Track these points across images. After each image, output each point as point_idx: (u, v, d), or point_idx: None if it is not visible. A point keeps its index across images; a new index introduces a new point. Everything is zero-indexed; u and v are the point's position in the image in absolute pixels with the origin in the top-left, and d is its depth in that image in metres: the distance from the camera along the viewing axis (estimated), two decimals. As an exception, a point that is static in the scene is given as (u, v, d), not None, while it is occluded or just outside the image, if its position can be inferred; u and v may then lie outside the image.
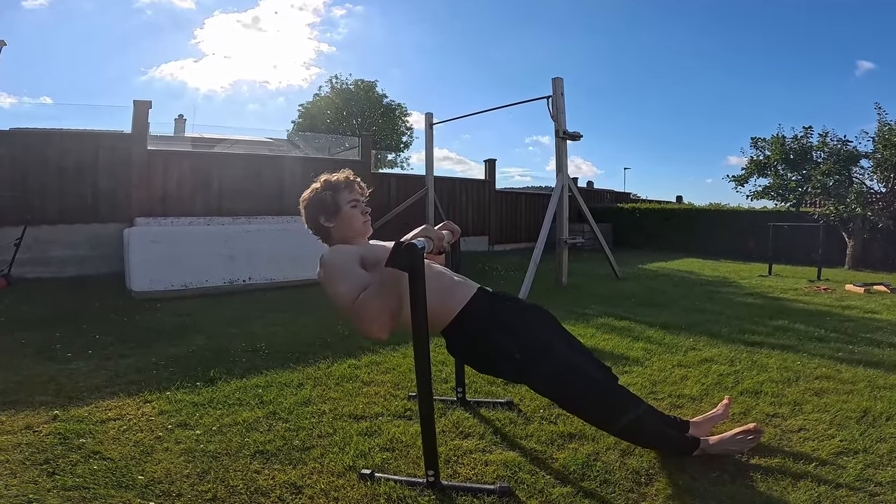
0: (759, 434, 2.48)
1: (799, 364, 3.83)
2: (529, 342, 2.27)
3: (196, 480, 2.24)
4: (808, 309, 6.16)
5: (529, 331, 2.33)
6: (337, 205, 2.40)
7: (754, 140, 13.10)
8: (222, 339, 4.63)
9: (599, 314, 5.67)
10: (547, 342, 2.30)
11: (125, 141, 9.17)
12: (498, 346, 2.27)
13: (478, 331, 2.30)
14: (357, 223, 2.43)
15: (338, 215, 2.40)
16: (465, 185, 14.66)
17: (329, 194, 2.41)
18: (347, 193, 2.43)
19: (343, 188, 2.43)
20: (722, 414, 2.71)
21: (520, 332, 2.30)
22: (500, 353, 2.27)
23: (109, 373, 3.65)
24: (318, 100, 34.10)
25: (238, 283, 7.29)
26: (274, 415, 2.95)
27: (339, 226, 2.41)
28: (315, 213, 2.43)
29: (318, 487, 2.19)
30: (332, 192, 2.41)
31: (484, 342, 2.30)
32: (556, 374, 2.26)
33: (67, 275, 8.17)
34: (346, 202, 2.42)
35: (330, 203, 2.40)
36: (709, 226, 14.36)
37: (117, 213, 8.79)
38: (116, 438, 2.63)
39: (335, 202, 2.40)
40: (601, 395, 2.30)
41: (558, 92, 7.93)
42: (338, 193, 2.41)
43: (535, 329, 2.37)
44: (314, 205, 2.43)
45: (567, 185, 8.08)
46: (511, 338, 2.27)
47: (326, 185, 2.43)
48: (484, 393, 3.26)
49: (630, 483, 2.20)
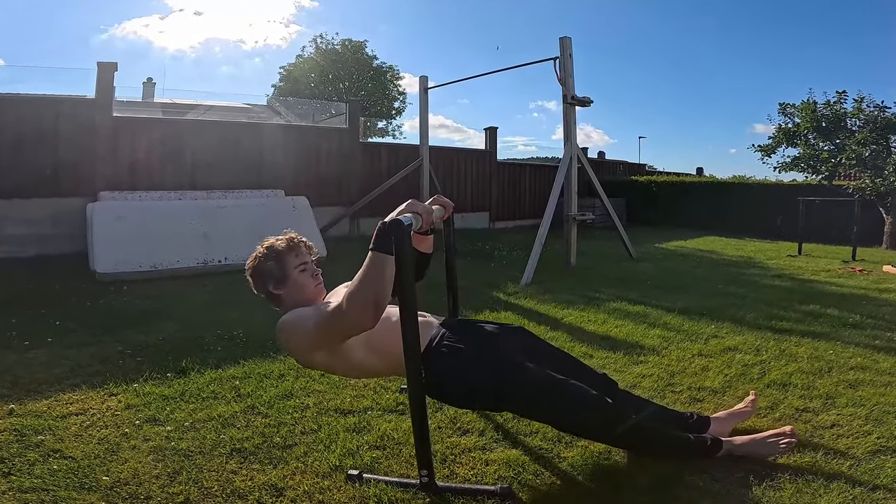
0: (794, 438, 2.45)
1: (832, 353, 3.82)
2: (500, 371, 2.28)
3: (166, 482, 2.23)
4: (841, 292, 6.17)
5: (498, 358, 2.33)
6: (284, 272, 2.41)
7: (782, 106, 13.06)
8: (195, 325, 4.61)
9: (611, 298, 5.67)
10: (518, 365, 2.30)
11: (88, 107, 9.05)
12: (466, 383, 2.27)
13: (442, 373, 2.29)
14: (308, 288, 2.44)
15: (286, 282, 2.41)
16: (463, 155, 14.60)
17: (272, 264, 2.42)
18: (293, 258, 2.44)
19: (287, 253, 2.44)
20: (748, 411, 2.69)
21: (488, 364, 2.30)
22: (469, 390, 2.28)
23: (71, 363, 3.63)
24: (302, 61, 33.86)
25: (213, 263, 7.26)
26: (252, 409, 2.94)
27: (290, 292, 2.42)
28: (262, 282, 2.45)
29: (301, 489, 2.18)
30: (275, 261, 2.42)
31: (452, 384, 2.31)
32: (534, 398, 2.25)
33: (27, 255, 8.10)
34: (293, 267, 2.43)
35: (276, 271, 2.41)
36: (732, 201, 14.36)
37: (80, 187, 8.69)
38: (78, 435, 2.62)
39: (281, 269, 2.41)
40: (587, 407, 2.25)
41: (566, 52, 7.83)
42: (282, 260, 2.42)
43: (505, 355, 2.36)
44: (260, 276, 2.45)
45: (576, 155, 8.03)
46: (479, 372, 2.28)
47: (269, 253, 2.44)
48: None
49: (644, 484, 2.19)
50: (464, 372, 2.29)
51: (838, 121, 12.07)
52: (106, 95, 9.07)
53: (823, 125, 12.19)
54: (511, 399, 2.27)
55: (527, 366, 2.30)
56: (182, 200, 8.32)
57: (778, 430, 2.49)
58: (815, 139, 12.44)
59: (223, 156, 10.11)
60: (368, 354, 2.31)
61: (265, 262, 2.42)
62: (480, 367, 2.29)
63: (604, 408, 2.27)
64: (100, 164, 8.91)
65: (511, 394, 2.24)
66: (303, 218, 8.45)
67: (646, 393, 3.14)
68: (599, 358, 3.79)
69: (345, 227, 11.38)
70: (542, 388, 2.25)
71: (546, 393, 2.24)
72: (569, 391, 2.25)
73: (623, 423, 2.26)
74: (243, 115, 14.15)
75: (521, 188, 16.01)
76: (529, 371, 2.28)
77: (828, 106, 12.26)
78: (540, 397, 2.24)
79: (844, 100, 12.10)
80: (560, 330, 4.50)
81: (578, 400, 2.25)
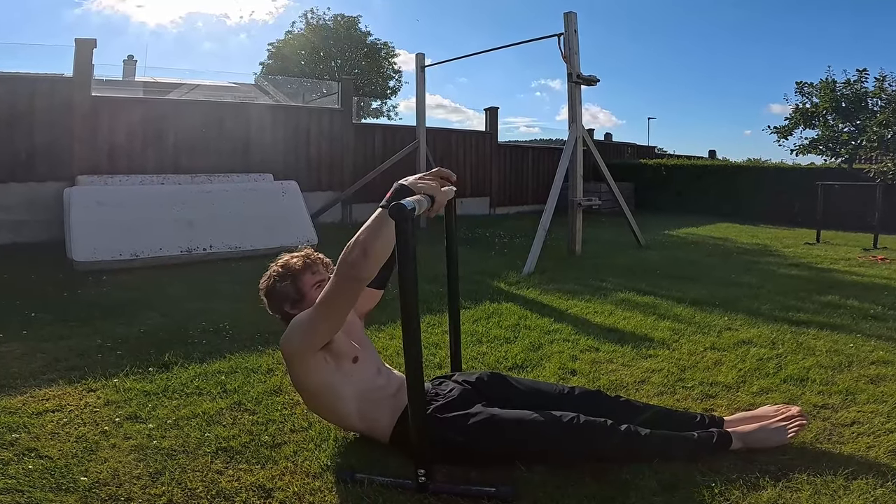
0: (804, 421, 2.46)
1: (852, 347, 3.82)
2: (474, 427, 2.32)
3: (148, 482, 2.22)
4: (862, 282, 6.17)
5: (469, 418, 2.36)
6: (300, 292, 2.49)
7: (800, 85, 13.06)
8: (179, 317, 4.61)
9: (619, 288, 5.66)
10: (489, 416, 2.34)
11: (66, 86, 8.99)
12: (440, 445, 2.27)
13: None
14: None
15: (303, 302, 2.46)
16: (462, 137, 14.56)
17: (288, 284, 2.49)
18: (309, 276, 2.51)
19: (304, 272, 2.50)
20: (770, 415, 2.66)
21: (452, 421, 2.35)
22: (445, 449, 2.30)
23: (47, 356, 3.62)
24: (291, 38, 33.69)
25: (197, 252, 7.24)
26: (239, 405, 2.93)
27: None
28: (278, 303, 2.54)
29: (291, 490, 2.17)
30: (291, 281, 2.49)
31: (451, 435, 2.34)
32: (512, 441, 2.31)
33: (0, 242, 8.09)
34: (309, 286, 2.49)
35: (292, 292, 2.49)
36: (747, 185, 14.32)
37: (56, 171, 8.66)
38: (55, 433, 2.61)
39: (297, 290, 2.49)
40: (560, 430, 2.29)
41: (571, 28, 7.78)
42: (298, 279, 2.50)
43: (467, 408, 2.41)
44: (275, 297, 2.53)
45: (581, 137, 8.00)
46: (450, 430, 2.32)
47: (284, 272, 2.50)
48: (485, 380, 3.23)
49: (654, 485, 2.18)
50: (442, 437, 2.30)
51: (859, 100, 12.05)
52: (84, 74, 9.02)
53: (843, 105, 12.17)
54: (485, 446, 2.31)
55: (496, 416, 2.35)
56: (165, 185, 8.28)
57: (784, 411, 2.51)
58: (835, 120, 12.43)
59: (208, 138, 10.08)
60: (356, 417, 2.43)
61: (280, 283, 2.49)
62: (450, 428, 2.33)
63: (581, 429, 2.29)
64: (78, 147, 8.88)
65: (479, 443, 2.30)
66: (292, 203, 8.39)
67: (655, 389, 3.14)
68: (606, 351, 3.79)
69: (337, 213, 11.37)
70: (514, 428, 2.31)
71: (521, 431, 2.31)
72: (544, 421, 2.31)
73: (613, 437, 2.30)
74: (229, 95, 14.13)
75: (524, 172, 15.96)
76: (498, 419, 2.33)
77: (848, 85, 12.24)
78: (519, 439, 2.31)
79: (865, 78, 12.09)
80: (564, 322, 4.49)
81: (555, 426, 2.30)
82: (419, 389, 2.08)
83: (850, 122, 12.16)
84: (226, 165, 9.80)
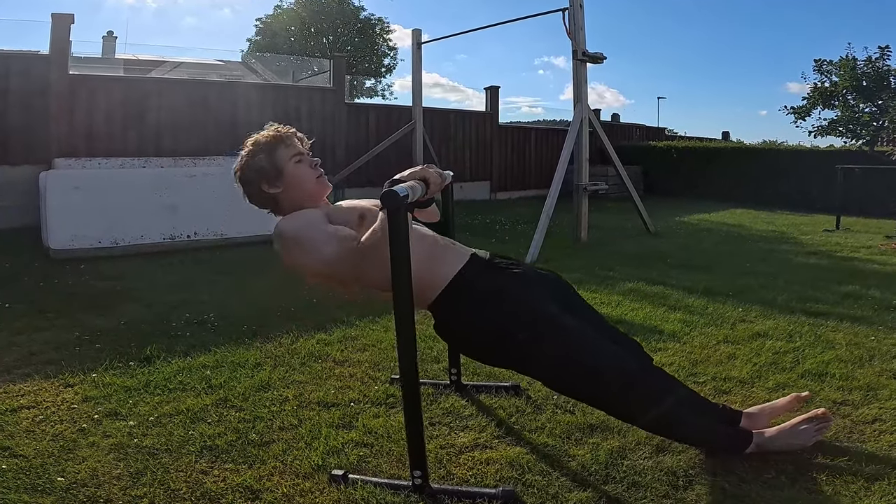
0: (828, 422, 2.45)
1: (873, 340, 3.81)
2: (534, 320, 2.24)
3: (129, 483, 2.22)
4: (884, 271, 6.17)
5: (535, 306, 2.29)
6: (277, 166, 2.35)
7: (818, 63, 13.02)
8: (161, 308, 4.60)
9: (627, 278, 5.66)
10: (554, 317, 2.26)
11: (41, 64, 9.00)
12: (495, 328, 2.24)
13: (471, 309, 2.27)
14: (308, 182, 2.40)
15: (282, 178, 2.36)
16: (461, 118, 14.56)
17: (262, 157, 2.35)
18: (284, 149, 2.38)
19: (278, 144, 2.38)
20: (784, 405, 2.65)
21: (523, 309, 2.26)
22: (498, 337, 2.25)
23: (22, 350, 3.61)
24: (280, 13, 33.64)
25: (181, 239, 7.23)
26: (225, 402, 2.92)
27: (288, 190, 2.37)
28: (255, 184, 2.38)
29: (280, 491, 2.17)
30: (265, 154, 2.35)
31: (479, 325, 2.28)
32: (565, 357, 2.23)
33: (-28, 229, 8.09)
34: (286, 159, 2.37)
35: (268, 166, 2.35)
36: (762, 169, 14.30)
37: (32, 154, 8.67)
38: (30, 431, 2.60)
39: (274, 164, 2.35)
40: (623, 379, 2.24)
41: (577, 3, 7.76)
42: (274, 153, 2.36)
43: (541, 304, 2.32)
44: (250, 174, 2.37)
45: (587, 118, 7.99)
46: (512, 317, 2.24)
47: (256, 148, 2.37)
48: (484, 375, 3.24)
49: (665, 486, 2.18)
50: (494, 318, 2.25)
51: (881, 79, 12.03)
52: (61, 50, 9.03)
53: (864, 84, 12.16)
54: (539, 358, 2.25)
55: (563, 321, 2.27)
56: (146, 168, 8.25)
57: (808, 413, 2.46)
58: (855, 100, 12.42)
59: (192, 118, 10.09)
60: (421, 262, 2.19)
61: (253, 159, 2.36)
62: (512, 314, 2.25)
63: (644, 381, 2.27)
64: (54, 128, 8.88)
65: (539, 352, 2.22)
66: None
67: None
68: (613, 344, 3.78)
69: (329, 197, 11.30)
70: (576, 349, 2.23)
71: (579, 355, 2.23)
72: (605, 355, 2.25)
73: (659, 403, 2.24)
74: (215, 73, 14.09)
75: (526, 155, 15.96)
76: (565, 327, 2.25)
77: (869, 63, 12.21)
78: (572, 359, 2.23)
79: (888, 56, 12.07)
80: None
81: (614, 368, 2.24)
82: (414, 385, 2.07)
83: (872, 102, 12.14)
84: (211, 148, 9.75)
